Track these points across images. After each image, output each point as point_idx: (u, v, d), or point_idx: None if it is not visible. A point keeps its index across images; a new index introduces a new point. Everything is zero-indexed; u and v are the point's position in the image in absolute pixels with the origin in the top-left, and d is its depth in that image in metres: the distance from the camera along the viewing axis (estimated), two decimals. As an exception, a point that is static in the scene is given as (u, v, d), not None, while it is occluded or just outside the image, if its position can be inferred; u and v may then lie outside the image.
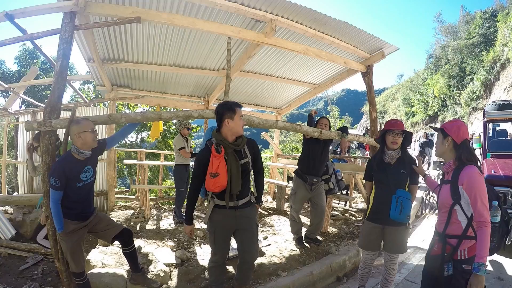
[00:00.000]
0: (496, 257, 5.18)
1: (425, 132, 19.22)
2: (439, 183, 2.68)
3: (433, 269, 2.50)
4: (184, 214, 6.95)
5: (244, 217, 3.20)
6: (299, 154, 5.53)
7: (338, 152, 11.85)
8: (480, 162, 2.45)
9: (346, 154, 11.62)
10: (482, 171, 2.42)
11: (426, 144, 16.65)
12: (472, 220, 2.34)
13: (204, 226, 6.57)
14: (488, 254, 2.23)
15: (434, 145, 2.62)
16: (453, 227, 2.44)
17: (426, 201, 9.45)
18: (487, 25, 31.16)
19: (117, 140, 4.04)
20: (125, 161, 11.84)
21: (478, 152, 12.64)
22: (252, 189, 3.43)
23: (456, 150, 2.50)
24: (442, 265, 2.40)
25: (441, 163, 14.22)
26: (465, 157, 2.43)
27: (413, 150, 19.74)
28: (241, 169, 3.06)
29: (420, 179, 3.90)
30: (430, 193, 10.06)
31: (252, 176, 3.46)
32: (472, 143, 12.41)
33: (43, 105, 7.70)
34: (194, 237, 5.72)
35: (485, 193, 2.28)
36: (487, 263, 2.24)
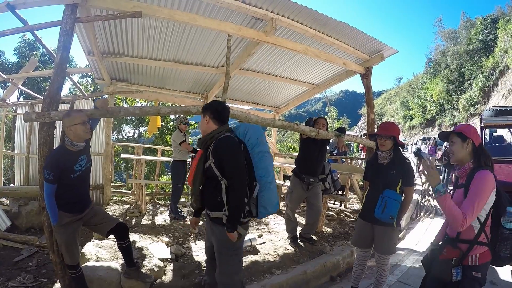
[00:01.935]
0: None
1: (424, 138, 19.29)
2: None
3: (441, 273, 2.44)
4: (180, 210, 7.04)
5: (215, 232, 2.82)
6: (296, 154, 5.56)
7: (335, 154, 11.89)
8: (493, 167, 2.40)
9: (344, 155, 11.67)
10: (496, 176, 2.36)
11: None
12: (484, 225, 2.32)
13: (200, 222, 6.59)
14: (441, 205, 2.26)
15: (449, 151, 2.44)
16: (465, 231, 2.34)
17: (421, 204, 9.49)
18: (487, 31, 31.29)
19: (95, 122, 3.89)
20: (122, 155, 11.78)
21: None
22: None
23: (474, 153, 2.43)
24: (450, 269, 2.36)
25: (438, 167, 14.30)
26: (483, 161, 2.38)
27: (410, 153, 19.79)
28: (206, 173, 2.79)
29: (417, 181, 3.94)
30: (426, 196, 10.11)
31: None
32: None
33: (42, 97, 7.70)
34: (189, 233, 5.74)
35: (482, 197, 2.23)
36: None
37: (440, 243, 2.58)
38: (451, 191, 2.60)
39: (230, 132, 2.87)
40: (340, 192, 8.07)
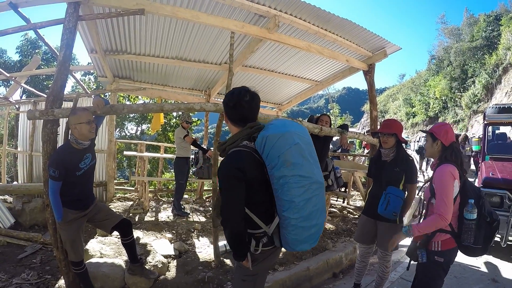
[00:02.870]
0: (491, 259, 5.21)
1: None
2: None
3: (410, 253, 2.79)
4: (183, 207, 7.07)
5: None
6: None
7: (339, 152, 11.90)
8: (461, 162, 2.68)
9: (349, 151, 11.70)
10: (463, 170, 2.65)
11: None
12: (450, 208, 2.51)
13: (203, 219, 6.62)
14: (423, 232, 2.56)
15: (424, 148, 2.82)
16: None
17: (424, 201, 9.46)
18: (490, 28, 31.07)
19: (100, 120, 3.79)
20: (125, 152, 11.86)
21: (477, 155, 12.69)
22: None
23: (443, 151, 2.69)
24: (415, 250, 2.66)
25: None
26: (445, 157, 2.65)
27: (412, 150, 19.76)
28: None
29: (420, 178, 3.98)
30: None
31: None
32: (471, 144, 12.47)
33: (44, 95, 7.72)
34: (193, 230, 5.75)
35: (447, 190, 2.46)
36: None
37: None
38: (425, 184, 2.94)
39: (250, 139, 2.14)
40: (343, 189, 8.07)
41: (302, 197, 1.94)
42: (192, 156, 7.11)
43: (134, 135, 20.95)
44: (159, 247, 4.60)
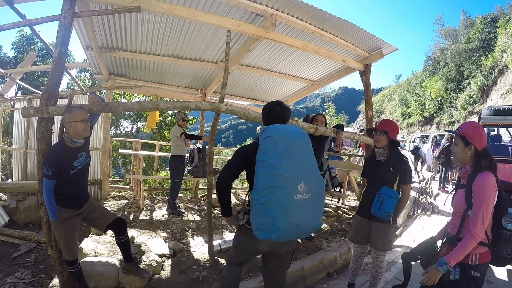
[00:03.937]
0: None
1: (422, 136, 19.30)
2: (441, 187, 2.65)
3: None
4: (178, 206, 7.05)
5: None
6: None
7: (333, 148, 11.93)
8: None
9: (341, 151, 11.70)
10: (497, 177, 2.36)
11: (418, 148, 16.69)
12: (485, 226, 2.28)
13: (198, 218, 6.60)
14: (459, 260, 2.25)
15: (451, 150, 2.39)
16: (465, 231, 2.32)
17: (419, 202, 9.51)
18: (487, 30, 31.28)
19: (95, 118, 3.72)
20: (120, 150, 11.78)
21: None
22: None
23: (475, 157, 2.42)
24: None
25: (430, 166, 14.26)
26: (484, 164, 2.37)
27: (407, 150, 19.81)
28: None
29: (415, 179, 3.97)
30: (423, 194, 10.13)
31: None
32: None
33: (40, 92, 7.67)
34: (187, 229, 5.74)
35: (488, 206, 2.23)
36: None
37: (440, 240, 2.61)
38: (453, 191, 2.60)
39: None
40: (337, 189, 8.09)
41: (264, 182, 2.27)
42: (187, 155, 7.09)
43: (129, 133, 20.91)
44: (154, 246, 4.58)
